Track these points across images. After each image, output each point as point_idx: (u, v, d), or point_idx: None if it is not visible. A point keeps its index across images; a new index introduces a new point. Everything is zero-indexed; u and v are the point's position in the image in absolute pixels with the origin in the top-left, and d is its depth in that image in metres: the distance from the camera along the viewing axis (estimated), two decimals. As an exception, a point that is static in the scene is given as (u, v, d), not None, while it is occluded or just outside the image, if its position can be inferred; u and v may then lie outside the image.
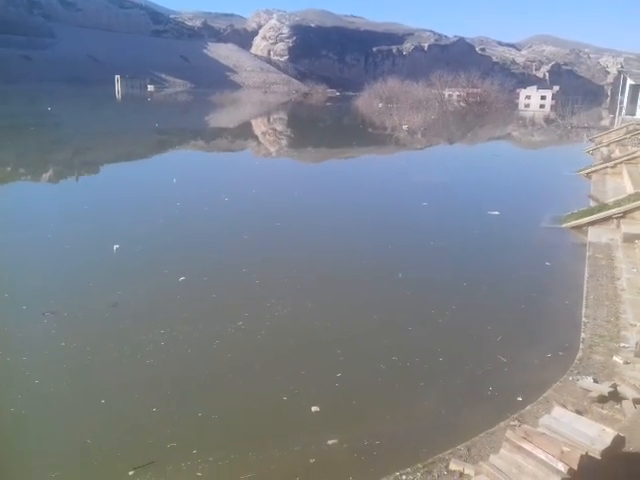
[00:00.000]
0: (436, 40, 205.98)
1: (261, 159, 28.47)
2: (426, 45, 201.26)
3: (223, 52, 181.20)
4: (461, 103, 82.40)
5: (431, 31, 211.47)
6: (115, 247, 10.52)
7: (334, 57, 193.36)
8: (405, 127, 44.56)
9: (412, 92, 78.06)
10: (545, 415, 4.07)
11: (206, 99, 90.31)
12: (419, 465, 4.78)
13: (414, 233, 12.97)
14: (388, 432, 5.41)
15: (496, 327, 7.70)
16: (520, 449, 3.69)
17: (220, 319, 7.72)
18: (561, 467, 3.43)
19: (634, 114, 38.67)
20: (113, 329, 7.43)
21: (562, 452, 3.47)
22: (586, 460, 3.43)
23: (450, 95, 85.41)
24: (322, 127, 52.86)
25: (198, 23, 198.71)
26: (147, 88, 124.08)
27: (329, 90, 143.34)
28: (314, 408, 5.70)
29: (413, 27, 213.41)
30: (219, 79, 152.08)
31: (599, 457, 3.50)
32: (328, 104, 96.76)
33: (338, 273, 9.94)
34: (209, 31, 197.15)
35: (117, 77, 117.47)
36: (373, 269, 10.24)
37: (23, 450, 5.15)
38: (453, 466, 4.58)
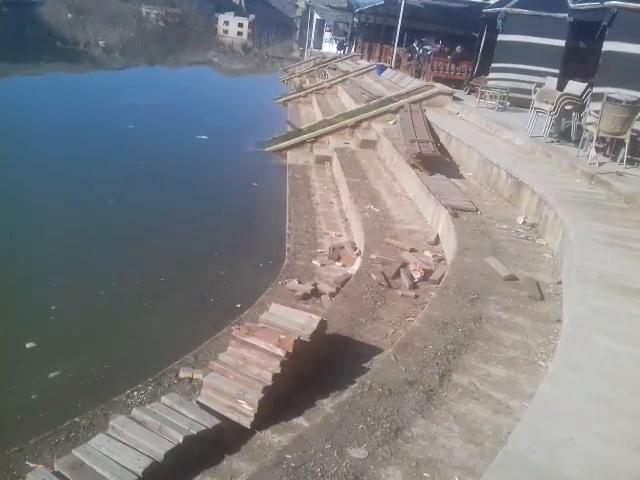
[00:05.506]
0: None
1: None
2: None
3: None
4: (160, 22, 79.07)
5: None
6: None
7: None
8: (102, 43, 41.03)
9: (107, 4, 71.57)
10: (265, 312, 4.58)
11: None
12: (149, 379, 4.91)
13: (122, 156, 12.39)
14: (115, 355, 5.38)
15: (213, 245, 8.09)
16: (245, 344, 4.11)
17: None
18: (279, 352, 3.95)
19: (320, 48, 42.73)
20: None
21: (280, 340, 4.00)
22: (299, 343, 4.02)
23: (148, 13, 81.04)
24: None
25: None
26: None
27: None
28: (29, 344, 5.29)
29: None
30: None
31: (309, 340, 4.14)
32: (5, 9, 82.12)
33: (44, 204, 9.01)
34: None
35: None
36: (79, 197, 9.58)
37: None
38: (182, 374, 4.82)
